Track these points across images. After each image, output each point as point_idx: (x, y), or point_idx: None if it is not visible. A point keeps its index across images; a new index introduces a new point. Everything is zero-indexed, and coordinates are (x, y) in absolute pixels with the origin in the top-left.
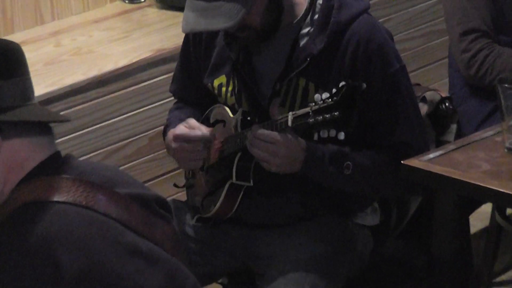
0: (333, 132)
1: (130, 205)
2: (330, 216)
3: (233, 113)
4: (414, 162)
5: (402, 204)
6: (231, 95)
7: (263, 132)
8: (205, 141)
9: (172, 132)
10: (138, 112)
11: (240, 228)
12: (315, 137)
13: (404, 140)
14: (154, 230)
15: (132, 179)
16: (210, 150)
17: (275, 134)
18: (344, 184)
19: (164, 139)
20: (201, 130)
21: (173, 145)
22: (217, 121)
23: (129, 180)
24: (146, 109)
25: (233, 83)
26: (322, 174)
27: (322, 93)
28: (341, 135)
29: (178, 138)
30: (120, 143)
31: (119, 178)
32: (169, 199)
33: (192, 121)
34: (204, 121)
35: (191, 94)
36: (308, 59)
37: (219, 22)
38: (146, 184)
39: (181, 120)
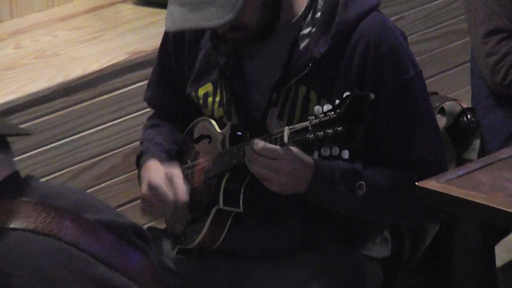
0: (336, 150)
1: (101, 234)
2: (334, 246)
3: (220, 128)
4: (431, 183)
5: (417, 233)
6: (219, 106)
7: (266, 146)
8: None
9: (148, 176)
10: (112, 125)
11: (228, 261)
12: (315, 155)
13: (421, 157)
14: (129, 263)
15: (103, 204)
16: (193, 171)
17: (278, 149)
18: (355, 207)
19: (137, 166)
20: (178, 192)
21: (144, 189)
22: (201, 137)
23: (100, 205)
24: (121, 121)
25: (221, 92)
26: (330, 195)
27: (324, 104)
28: (345, 154)
29: (152, 187)
30: (90, 161)
31: (88, 203)
32: (145, 226)
33: (175, 173)
34: (187, 136)
35: (171, 104)
36: (310, 64)
37: (214, 17)
38: (119, 210)
39: (158, 145)
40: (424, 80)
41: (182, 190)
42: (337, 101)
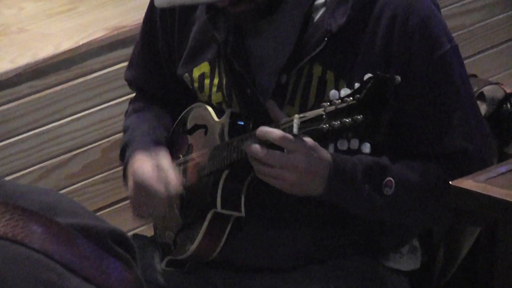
0: (355, 143)
1: (75, 240)
2: (352, 257)
3: (218, 116)
4: (467, 183)
5: (452, 241)
6: (217, 90)
7: (275, 134)
8: (171, 199)
9: (132, 172)
10: (88, 114)
11: (227, 275)
12: (330, 149)
13: (459, 148)
14: (108, 275)
15: (78, 206)
16: (186, 167)
17: (290, 139)
18: (382, 209)
19: (121, 160)
20: (170, 183)
21: (129, 187)
22: (196, 127)
23: (74, 208)
24: (99, 110)
25: (220, 73)
26: (352, 195)
27: (343, 87)
28: (366, 147)
29: (138, 183)
30: (62, 157)
31: (61, 205)
32: (130, 234)
33: (163, 160)
34: (179, 126)
35: (158, 88)
36: (325, 39)
37: None
38: (98, 214)
39: (144, 134)
40: (461, 56)
41: (174, 180)
42: (356, 85)
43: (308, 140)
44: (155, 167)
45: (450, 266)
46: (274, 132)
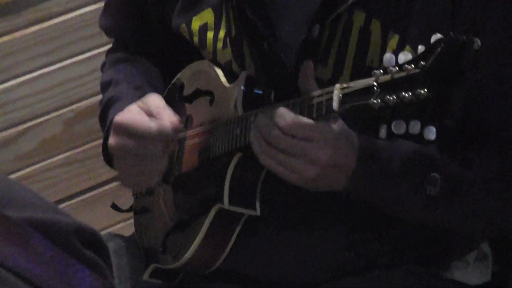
0: (415, 126)
1: (30, 241)
2: (401, 267)
3: (229, 80)
4: None
5: None
6: (225, 45)
7: (292, 118)
8: (168, 141)
9: (114, 122)
10: (45, 74)
11: None
12: (382, 133)
13: None
14: (75, 286)
15: (34, 196)
16: (182, 147)
17: (312, 125)
18: (423, 212)
19: (101, 124)
20: (162, 119)
21: (112, 140)
22: (198, 93)
23: (29, 198)
24: (60, 68)
25: (228, 22)
26: (384, 194)
27: (393, 40)
28: (430, 132)
29: (120, 128)
30: (10, 131)
31: (11, 194)
32: (103, 232)
33: (153, 100)
34: (175, 89)
35: (145, 42)
36: None
37: None
38: (60, 206)
39: (130, 88)
40: None
41: (166, 112)
42: (420, 48)
43: (335, 124)
44: (141, 108)
45: None
46: (285, 117)
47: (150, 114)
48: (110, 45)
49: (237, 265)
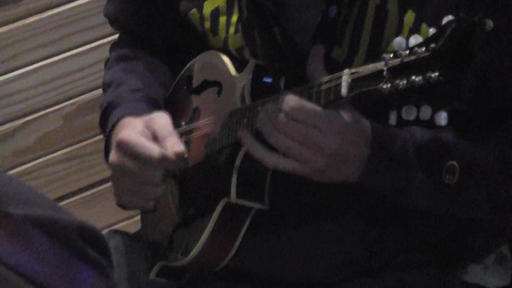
0: (426, 111)
1: (33, 239)
2: (417, 268)
3: (238, 69)
4: None
5: None
6: (237, 31)
7: (301, 104)
8: (169, 170)
9: (117, 135)
10: (45, 66)
11: None
12: (392, 119)
13: None
14: (77, 286)
15: (34, 193)
16: (189, 139)
17: (319, 111)
18: (440, 203)
19: (101, 129)
20: (166, 147)
21: (113, 156)
22: (206, 84)
23: (29, 194)
24: (61, 60)
25: (240, 8)
26: (398, 184)
27: (410, 21)
28: (442, 117)
29: (123, 146)
30: (9, 126)
31: (13, 191)
32: (105, 231)
33: (160, 121)
34: (183, 82)
35: (151, 30)
36: None
37: None
38: (60, 204)
39: (134, 91)
40: None
41: (172, 138)
42: (431, 31)
43: (343, 110)
44: (146, 128)
45: None
46: (292, 102)
47: (154, 136)
48: (113, 37)
49: (246, 264)
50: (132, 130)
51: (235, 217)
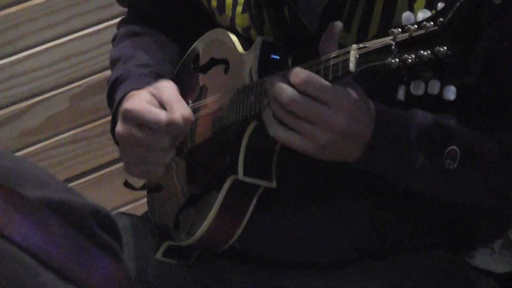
0: (435, 86)
1: (46, 221)
2: (425, 251)
3: (245, 47)
4: None
5: None
6: (244, 10)
7: (311, 78)
8: (177, 135)
9: (123, 107)
10: (51, 47)
11: (248, 270)
12: (401, 94)
13: None
14: (92, 271)
15: (46, 175)
16: (197, 117)
17: (328, 86)
18: (440, 186)
19: (109, 105)
20: (173, 112)
21: (120, 127)
22: (213, 62)
23: (42, 176)
24: (67, 41)
25: None
26: (400, 166)
27: (421, 7)
28: (450, 92)
29: (129, 116)
30: (15, 107)
31: (25, 172)
32: (114, 213)
33: (166, 89)
34: (189, 60)
35: (159, 8)
36: None
37: None
38: (69, 185)
39: (142, 66)
40: None
41: (179, 104)
42: (440, 5)
43: (349, 87)
44: (153, 96)
45: None
46: (300, 75)
47: (161, 104)
48: (121, 17)
49: (252, 244)
50: (138, 99)
51: (242, 195)
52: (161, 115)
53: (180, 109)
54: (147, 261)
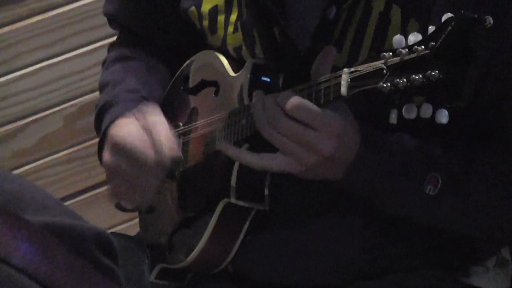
0: (427, 109)
1: (50, 246)
2: (419, 271)
3: (235, 69)
4: None
5: None
6: (235, 30)
7: (301, 103)
8: (164, 169)
9: (111, 137)
10: (46, 67)
11: None
12: (393, 118)
13: None
14: None
15: (48, 197)
16: (188, 140)
17: (318, 112)
18: (421, 211)
19: (96, 129)
20: (161, 144)
21: (107, 156)
22: (203, 84)
23: (43, 199)
24: (62, 61)
25: (240, 6)
26: (381, 189)
27: (412, 32)
28: (442, 116)
29: (116, 148)
30: (10, 127)
31: (26, 195)
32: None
33: (150, 114)
34: (180, 82)
35: (149, 28)
36: None
37: None
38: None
39: (131, 91)
40: None
41: (168, 140)
42: (431, 28)
43: (337, 111)
44: (142, 129)
45: None
46: (291, 100)
47: (147, 131)
48: (114, 38)
49: (245, 266)
50: (128, 132)
51: (235, 217)
52: (149, 152)
53: (169, 150)
54: (139, 283)
